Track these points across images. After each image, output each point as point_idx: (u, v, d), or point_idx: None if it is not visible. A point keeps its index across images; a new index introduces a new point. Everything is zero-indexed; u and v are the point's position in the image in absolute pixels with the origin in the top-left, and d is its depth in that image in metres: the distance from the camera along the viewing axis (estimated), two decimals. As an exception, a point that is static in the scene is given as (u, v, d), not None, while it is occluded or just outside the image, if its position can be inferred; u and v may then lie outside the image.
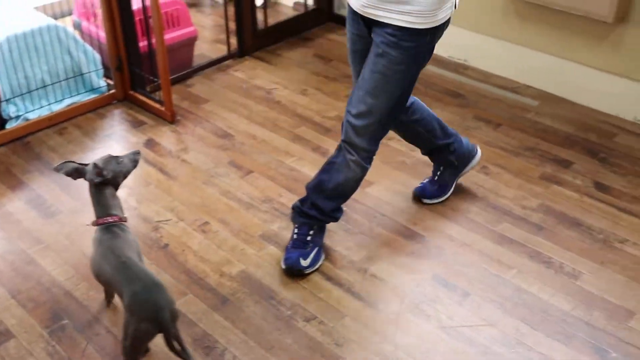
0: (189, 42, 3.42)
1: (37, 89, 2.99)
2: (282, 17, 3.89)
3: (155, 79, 3.09)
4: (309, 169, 2.69)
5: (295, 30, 3.82)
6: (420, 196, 2.52)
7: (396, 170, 2.69)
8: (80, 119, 3.06)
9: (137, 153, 1.95)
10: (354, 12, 2.04)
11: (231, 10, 3.50)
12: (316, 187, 2.20)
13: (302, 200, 2.25)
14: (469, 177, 2.63)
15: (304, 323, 2.03)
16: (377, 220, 2.43)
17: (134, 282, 1.71)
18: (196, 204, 2.53)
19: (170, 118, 3.01)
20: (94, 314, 2.07)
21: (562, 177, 2.65)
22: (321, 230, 2.27)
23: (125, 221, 1.90)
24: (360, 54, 2.10)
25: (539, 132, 2.93)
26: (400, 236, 2.36)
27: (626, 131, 2.93)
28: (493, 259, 2.26)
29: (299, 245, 2.22)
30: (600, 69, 3.02)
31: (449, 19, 1.99)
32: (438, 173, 2.51)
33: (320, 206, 2.20)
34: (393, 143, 2.84)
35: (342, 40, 3.77)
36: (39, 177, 2.67)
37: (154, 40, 2.92)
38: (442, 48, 3.53)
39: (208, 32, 3.96)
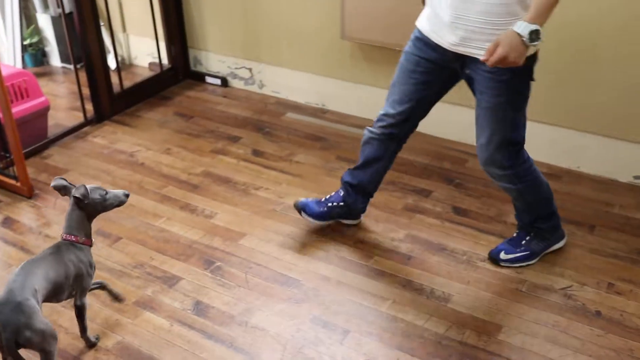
0: (41, 113, 3.31)
1: None
2: (138, 79, 3.87)
3: (7, 154, 2.95)
4: (179, 228, 2.67)
5: (153, 91, 3.81)
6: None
7: (267, 219, 2.72)
8: None
9: (127, 195, 2.10)
10: (427, 39, 2.18)
11: (84, 75, 3.44)
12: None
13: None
14: (337, 217, 2.72)
15: (188, 386, 1.99)
16: (252, 271, 2.44)
17: (2, 292, 1.81)
18: (63, 279, 2.42)
19: (27, 193, 2.88)
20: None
21: (423, 206, 2.79)
22: (542, 240, 2.46)
23: (86, 244, 2.02)
24: (415, 75, 2.27)
25: (399, 166, 3.07)
26: (276, 283, 2.38)
27: (475, 156, 3.12)
28: (368, 293, 2.33)
29: (511, 243, 2.48)
30: (445, 101, 3.23)
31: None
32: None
33: (521, 218, 2.46)
34: (261, 192, 2.88)
35: (201, 96, 3.80)
36: None
37: (1, 115, 2.80)
38: (300, 95, 3.65)
39: (62, 100, 3.85)
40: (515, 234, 2.51)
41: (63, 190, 2.02)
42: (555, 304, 2.27)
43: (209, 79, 3.92)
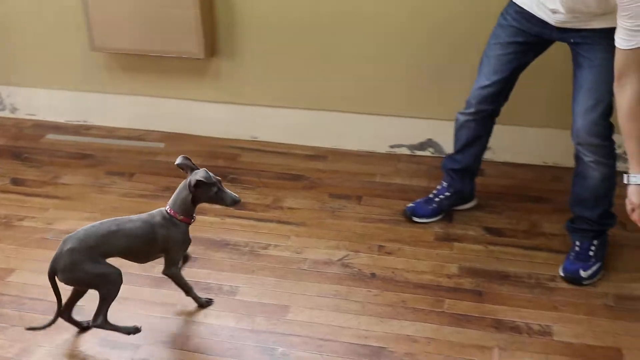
0: None
1: None
2: None
3: None
4: None
5: None
6: (412, 214, 2.66)
7: (37, 249, 2.55)
8: None
9: (235, 202, 2.09)
10: (527, 14, 2.19)
11: None
12: (574, 201, 2.39)
13: (571, 220, 2.43)
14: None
15: None
16: (27, 307, 2.28)
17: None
18: None
19: None
20: None
21: (202, 207, 2.78)
22: (603, 245, 2.40)
23: (184, 221, 2.11)
24: (510, 47, 2.28)
25: (172, 171, 3.00)
26: (56, 314, 2.25)
27: (247, 149, 3.22)
28: (155, 303, 2.29)
29: (581, 259, 2.36)
30: (210, 101, 3.28)
31: None
32: (441, 197, 2.66)
33: (586, 217, 2.36)
34: (27, 222, 2.70)
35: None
36: None
37: None
38: (59, 114, 3.47)
39: None
40: (578, 244, 2.40)
41: (186, 170, 2.08)
42: (335, 275, 2.41)
43: (-49, 111, 3.56)
